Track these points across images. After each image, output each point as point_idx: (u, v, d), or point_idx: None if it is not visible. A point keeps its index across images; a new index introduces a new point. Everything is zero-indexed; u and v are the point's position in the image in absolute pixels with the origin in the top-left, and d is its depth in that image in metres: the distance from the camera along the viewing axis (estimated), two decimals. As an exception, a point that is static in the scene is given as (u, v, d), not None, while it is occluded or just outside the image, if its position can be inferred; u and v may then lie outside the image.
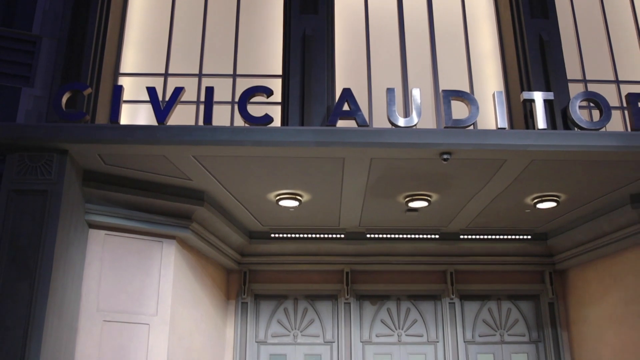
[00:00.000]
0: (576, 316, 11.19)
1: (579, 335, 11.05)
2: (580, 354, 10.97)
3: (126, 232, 8.65)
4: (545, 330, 11.36)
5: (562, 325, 11.37)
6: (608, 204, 9.47)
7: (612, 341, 10.13)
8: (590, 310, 10.76)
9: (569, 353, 11.22)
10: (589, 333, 10.77)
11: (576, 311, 11.19)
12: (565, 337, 11.32)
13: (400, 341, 11.30)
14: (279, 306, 11.36)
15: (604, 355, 10.31)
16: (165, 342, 8.59)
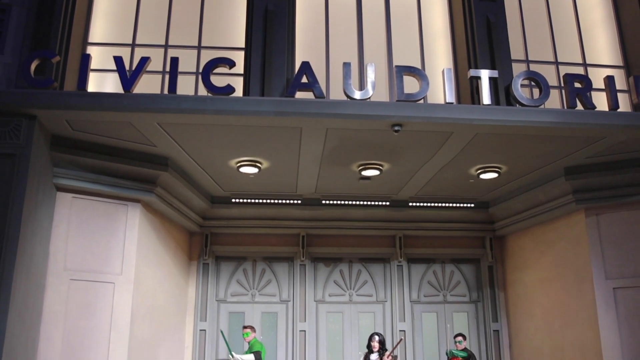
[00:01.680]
0: (512, 279, 11.54)
1: (514, 296, 11.41)
2: (515, 312, 11.35)
3: (93, 195, 8.57)
4: (484, 291, 11.69)
5: (499, 286, 11.71)
6: (544, 176, 9.73)
7: (543, 301, 10.50)
8: (525, 273, 11.11)
9: (504, 312, 11.58)
10: (523, 294, 11.13)
11: (512, 274, 11.54)
12: (502, 297, 11.66)
13: (352, 300, 11.51)
14: (238, 267, 11.43)
15: (535, 314, 10.68)
16: (129, 299, 8.60)
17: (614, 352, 8.93)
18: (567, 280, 9.89)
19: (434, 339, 11.45)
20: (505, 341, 11.42)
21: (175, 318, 10.38)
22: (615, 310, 9.09)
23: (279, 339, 11.08)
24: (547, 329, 10.31)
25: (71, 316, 8.08)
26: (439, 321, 11.56)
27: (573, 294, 9.73)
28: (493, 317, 11.55)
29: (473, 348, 11.26)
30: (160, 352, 9.55)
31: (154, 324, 9.41)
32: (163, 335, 9.76)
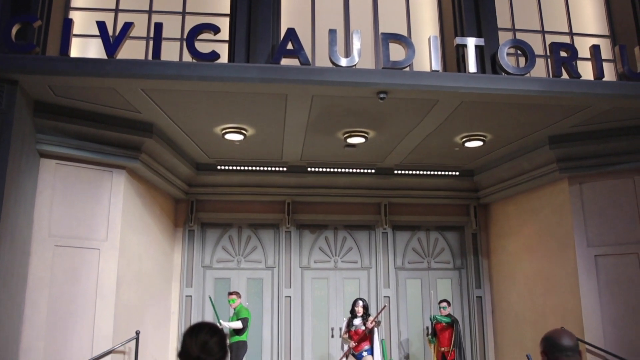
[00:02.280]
0: (496, 246, 11.65)
1: (498, 263, 11.55)
2: (498, 279, 11.49)
3: (77, 161, 8.50)
4: (468, 258, 11.81)
5: (483, 254, 11.83)
6: (529, 145, 9.77)
7: (526, 268, 10.63)
8: (508, 240, 11.22)
9: (487, 278, 11.73)
10: (506, 261, 11.26)
11: (496, 241, 11.65)
12: (486, 264, 11.80)
13: (337, 267, 11.59)
14: (224, 234, 11.45)
15: (518, 281, 10.82)
16: (115, 265, 8.61)
17: (593, 317, 9.09)
18: (550, 247, 10.01)
19: (418, 305, 11.59)
20: (488, 307, 11.59)
21: (161, 284, 10.42)
22: (596, 277, 9.22)
23: (264, 304, 11.17)
24: (530, 295, 10.46)
25: (57, 282, 8.08)
26: (423, 287, 11.69)
27: (555, 261, 9.86)
28: (476, 283, 11.69)
29: (456, 314, 11.41)
30: (146, 317, 9.60)
31: (140, 289, 9.44)
32: (149, 301, 9.80)
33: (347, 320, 9.56)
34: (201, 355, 2.31)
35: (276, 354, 10.94)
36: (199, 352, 2.31)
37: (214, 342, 2.36)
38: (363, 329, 9.29)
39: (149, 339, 9.39)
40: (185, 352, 2.33)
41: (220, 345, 2.38)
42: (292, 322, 11.07)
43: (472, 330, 11.47)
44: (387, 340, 11.09)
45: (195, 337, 2.36)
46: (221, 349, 2.37)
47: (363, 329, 9.30)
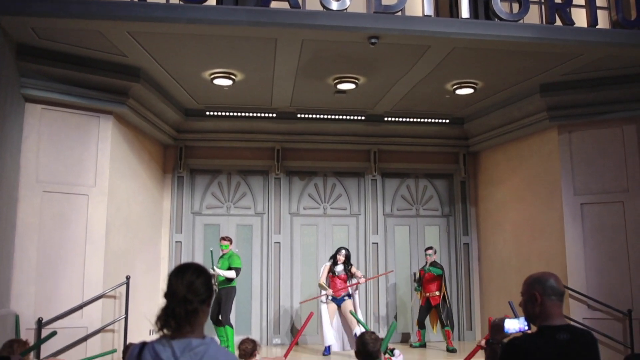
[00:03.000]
0: (484, 194, 11.70)
1: (485, 211, 11.62)
2: (485, 226, 11.58)
3: (63, 106, 8.34)
4: (456, 206, 11.87)
5: (471, 201, 11.89)
6: (519, 93, 9.70)
7: (513, 215, 10.71)
8: (497, 188, 11.26)
9: (475, 226, 11.82)
10: (494, 209, 11.33)
11: (484, 189, 11.70)
12: (473, 212, 11.87)
13: (326, 213, 11.62)
14: (213, 180, 11.40)
15: (505, 229, 10.92)
16: (104, 211, 8.56)
17: (577, 263, 9.23)
18: (537, 195, 10.06)
19: (406, 252, 11.70)
20: (475, 254, 11.72)
21: (151, 230, 10.42)
22: (581, 224, 9.32)
23: (253, 250, 11.23)
24: (516, 242, 10.57)
25: (45, 228, 8.05)
26: (411, 234, 11.78)
27: (542, 209, 9.93)
28: (464, 230, 11.78)
29: (443, 260, 11.54)
30: (136, 263, 9.62)
31: (129, 235, 9.44)
32: (139, 246, 9.81)
33: (329, 267, 9.71)
34: (187, 296, 2.27)
35: (265, 299, 11.06)
36: (185, 292, 2.28)
37: (200, 282, 2.33)
38: (345, 274, 9.58)
39: (139, 284, 9.44)
40: (171, 292, 2.30)
41: (206, 285, 2.35)
42: (282, 268, 11.17)
43: (458, 277, 11.62)
44: (374, 286, 11.23)
45: (181, 277, 2.32)
46: (207, 290, 2.35)
47: (344, 274, 9.60)
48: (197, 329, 2.30)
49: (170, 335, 2.27)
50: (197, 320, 2.30)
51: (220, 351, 2.29)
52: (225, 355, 2.30)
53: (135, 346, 2.33)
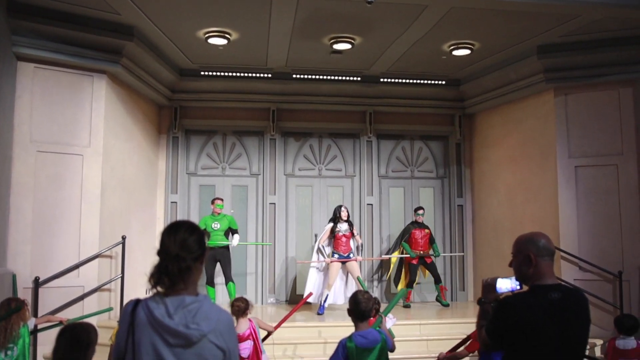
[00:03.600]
0: (479, 156, 11.70)
1: (480, 173, 11.63)
2: (480, 188, 11.61)
3: (56, 65, 8.23)
4: (451, 168, 11.87)
5: (466, 163, 11.89)
6: (516, 54, 9.61)
7: (507, 178, 10.73)
8: (492, 151, 11.25)
9: (469, 188, 11.84)
10: (488, 171, 11.34)
11: (479, 151, 11.69)
12: (468, 173, 11.88)
13: (321, 175, 11.61)
14: (209, 141, 11.34)
15: (499, 190, 10.95)
16: (98, 171, 8.54)
17: (570, 225, 9.28)
18: (532, 158, 10.06)
19: (400, 213, 11.74)
20: (468, 215, 11.78)
21: (146, 190, 10.41)
22: (575, 187, 9.34)
23: (249, 211, 11.25)
24: (510, 204, 10.61)
25: (40, 188, 8.03)
26: (406, 196, 11.80)
27: (536, 172, 9.94)
28: (458, 192, 11.81)
29: (437, 222, 11.60)
30: (132, 223, 9.64)
31: (125, 195, 9.43)
32: (134, 207, 9.82)
33: (331, 227, 9.70)
34: (180, 253, 2.28)
35: (260, 259, 11.12)
36: (177, 250, 2.28)
37: (192, 240, 2.33)
38: (349, 232, 9.63)
39: (135, 244, 9.47)
40: (164, 250, 2.30)
41: (199, 243, 2.35)
42: (277, 229, 11.20)
43: (452, 238, 11.69)
44: (368, 247, 11.29)
45: (173, 235, 2.32)
46: (200, 247, 2.35)
47: (349, 232, 9.64)
48: (190, 286, 2.30)
49: (163, 293, 2.28)
50: (191, 277, 2.30)
51: (213, 308, 2.30)
52: (219, 312, 2.31)
53: (129, 303, 2.34)
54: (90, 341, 3.27)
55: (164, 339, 2.21)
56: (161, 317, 2.21)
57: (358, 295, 4.23)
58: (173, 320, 2.21)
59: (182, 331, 2.19)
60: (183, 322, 2.21)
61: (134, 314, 2.26)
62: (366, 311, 4.17)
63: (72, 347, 3.19)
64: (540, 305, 2.75)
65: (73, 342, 3.21)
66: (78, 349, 3.22)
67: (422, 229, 10.58)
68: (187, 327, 2.20)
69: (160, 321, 2.21)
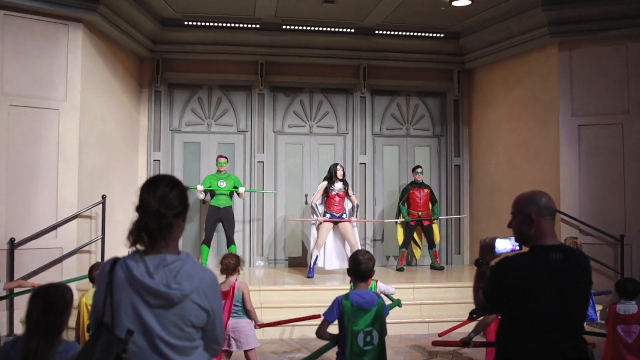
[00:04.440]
0: (478, 114, 11.64)
1: (478, 131, 11.59)
2: (478, 148, 11.58)
3: (27, 12, 8.03)
4: (448, 126, 11.82)
5: (464, 121, 11.83)
6: (520, 6, 9.48)
7: (507, 137, 10.70)
8: (491, 108, 11.19)
9: (467, 147, 11.81)
10: (487, 129, 11.30)
11: (478, 109, 11.62)
12: (466, 132, 11.84)
13: (312, 132, 11.54)
14: (193, 95, 11.21)
15: (498, 150, 10.93)
16: (76, 127, 8.43)
17: (571, 187, 9.30)
18: (533, 116, 10.02)
19: (395, 173, 11.72)
20: (466, 176, 11.78)
21: (127, 147, 10.31)
22: (577, 147, 9.33)
23: (236, 170, 11.18)
24: (508, 165, 10.60)
25: (15, 144, 7.93)
26: (401, 155, 11.77)
27: (537, 131, 9.91)
28: (455, 152, 11.79)
29: (433, 182, 11.60)
30: (112, 182, 9.57)
31: (105, 153, 9.34)
32: (115, 165, 9.74)
33: (325, 186, 9.65)
34: (160, 209, 2.24)
35: (248, 220, 11.12)
36: (158, 205, 2.24)
37: (173, 195, 2.29)
38: (344, 192, 9.55)
39: (116, 204, 9.41)
40: (143, 206, 2.26)
41: (181, 198, 2.32)
42: (265, 188, 11.16)
43: (448, 199, 11.71)
44: (361, 207, 11.29)
45: (153, 190, 2.27)
46: (181, 203, 2.31)
47: (344, 191, 9.57)
48: (171, 244, 2.28)
49: (143, 251, 2.25)
50: (172, 235, 2.28)
51: (196, 267, 2.28)
52: (202, 270, 2.29)
53: (106, 262, 2.31)
54: (66, 304, 3.15)
55: (144, 299, 2.19)
56: (141, 276, 2.19)
57: (358, 255, 4.27)
58: (153, 280, 2.18)
59: (163, 291, 2.17)
60: (164, 281, 2.19)
61: (112, 274, 2.24)
62: (366, 272, 4.22)
63: (46, 311, 3.07)
64: (540, 266, 2.74)
65: (47, 306, 3.08)
66: (53, 312, 3.09)
67: (422, 188, 10.56)
68: (169, 287, 2.18)
69: (140, 281, 2.18)
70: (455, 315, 7.56)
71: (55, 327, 3.09)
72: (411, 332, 7.96)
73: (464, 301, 7.76)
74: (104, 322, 2.22)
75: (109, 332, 2.19)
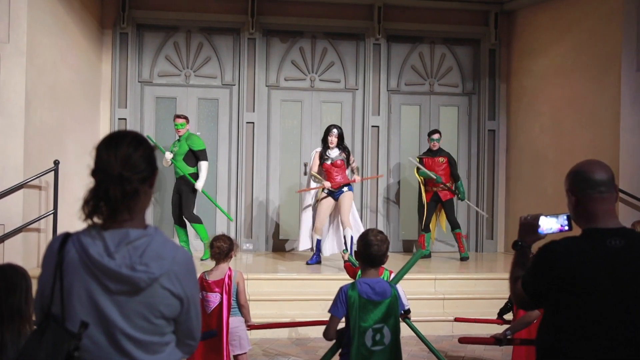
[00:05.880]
0: (519, 66, 11.56)
1: (519, 88, 11.52)
2: (518, 109, 11.51)
3: None
4: (482, 81, 11.75)
5: (501, 76, 11.77)
6: None
7: (555, 96, 10.61)
8: (536, 60, 11.10)
9: (504, 108, 11.75)
10: (530, 86, 11.22)
11: (520, 61, 11.54)
12: (503, 89, 11.78)
13: (314, 87, 11.50)
14: (168, 39, 11.16)
15: (543, 112, 10.85)
16: (22, 76, 8.32)
17: (633, 158, 9.19)
18: (588, 70, 9.93)
19: (414, 139, 11.69)
20: (502, 143, 11.76)
21: (86, 103, 10.26)
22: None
23: (220, 132, 11.18)
24: (556, 129, 10.53)
25: (-55, 95, 7.90)
26: (422, 116, 11.73)
27: (593, 88, 9.83)
28: (490, 113, 11.75)
29: (462, 151, 11.57)
30: (67, 144, 9.51)
31: (58, 109, 9.27)
32: (71, 123, 9.68)
33: (319, 153, 9.55)
34: (123, 173, 2.19)
35: (234, 195, 11.12)
36: (120, 168, 2.19)
37: (139, 156, 2.24)
38: (341, 160, 9.36)
39: (72, 171, 9.36)
40: (101, 169, 2.21)
41: (147, 159, 2.27)
42: (256, 156, 11.15)
43: (479, 172, 11.69)
44: (373, 182, 11.26)
45: (114, 150, 2.22)
46: (149, 165, 2.26)
47: (341, 160, 9.35)
48: (137, 216, 2.25)
49: (101, 225, 2.22)
50: (138, 204, 2.25)
51: (167, 245, 2.25)
52: (174, 249, 2.27)
53: (55, 239, 2.28)
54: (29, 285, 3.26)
55: (103, 284, 2.17)
56: (98, 256, 2.16)
57: (369, 235, 4.21)
58: (114, 261, 2.16)
59: (126, 274, 2.15)
60: (127, 262, 2.16)
61: (62, 253, 2.21)
62: (378, 256, 4.17)
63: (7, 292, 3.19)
64: (595, 253, 2.70)
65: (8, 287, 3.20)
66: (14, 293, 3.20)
67: (437, 157, 10.29)
68: (133, 269, 2.16)
69: (97, 261, 2.16)
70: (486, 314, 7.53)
71: (21, 314, 3.16)
72: (431, 332, 7.91)
73: (496, 296, 7.75)
74: (52, 312, 2.19)
75: (57, 325, 2.17)
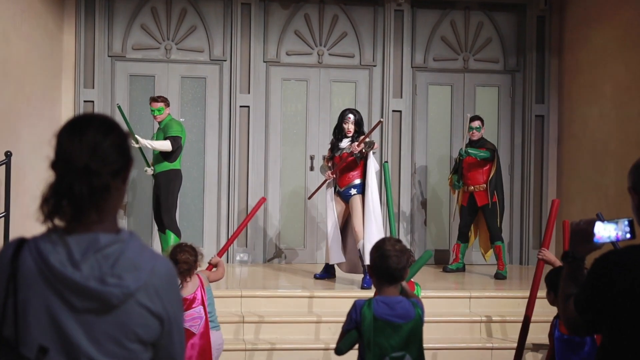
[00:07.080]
0: (574, 37, 11.52)
1: (574, 64, 11.47)
2: (573, 90, 11.47)
3: None
4: (528, 56, 11.72)
5: (552, 50, 11.77)
6: None
7: (619, 73, 10.53)
8: (595, 30, 11.04)
9: (556, 88, 11.72)
10: (588, 61, 11.16)
11: (575, 31, 11.51)
12: (555, 65, 11.75)
13: (322, 62, 11.49)
14: (144, 4, 11.16)
15: (604, 93, 10.76)
16: (-36, 49, 8.44)
17: None
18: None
19: (445, 125, 11.69)
20: (552, 132, 11.73)
21: (45, 82, 10.29)
22: None
23: (208, 118, 11.20)
24: (620, 115, 10.46)
25: None
26: (454, 98, 11.70)
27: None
28: (537, 96, 11.73)
29: (503, 140, 11.55)
30: (22, 132, 9.54)
31: (10, 89, 9.28)
32: (25, 107, 9.71)
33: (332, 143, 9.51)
34: (91, 165, 2.15)
35: (226, 194, 11.13)
36: (87, 159, 2.15)
37: (109, 144, 2.17)
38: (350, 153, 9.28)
39: (27, 165, 9.41)
40: (63, 160, 2.18)
41: (120, 148, 2.19)
42: (251, 146, 11.16)
43: (525, 166, 11.68)
44: (394, 171, 11.19)
45: (78, 136, 2.16)
46: (122, 155, 2.24)
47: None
48: (107, 217, 2.23)
49: (64, 228, 2.21)
50: (108, 203, 2.21)
51: (144, 253, 2.23)
52: (152, 258, 2.25)
53: (7, 246, 2.26)
54: None
55: (66, 300, 2.14)
56: (60, 266, 2.14)
57: (386, 244, 4.24)
58: (80, 272, 2.13)
59: (94, 288, 2.13)
60: (96, 274, 2.14)
61: (16, 263, 2.20)
62: (397, 269, 4.18)
63: None
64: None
65: None
66: None
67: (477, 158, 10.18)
68: (103, 282, 2.14)
69: (59, 272, 2.13)
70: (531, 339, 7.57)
71: None
72: (465, 362, 8.00)
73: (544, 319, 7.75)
74: (3, 335, 2.16)
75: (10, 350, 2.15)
